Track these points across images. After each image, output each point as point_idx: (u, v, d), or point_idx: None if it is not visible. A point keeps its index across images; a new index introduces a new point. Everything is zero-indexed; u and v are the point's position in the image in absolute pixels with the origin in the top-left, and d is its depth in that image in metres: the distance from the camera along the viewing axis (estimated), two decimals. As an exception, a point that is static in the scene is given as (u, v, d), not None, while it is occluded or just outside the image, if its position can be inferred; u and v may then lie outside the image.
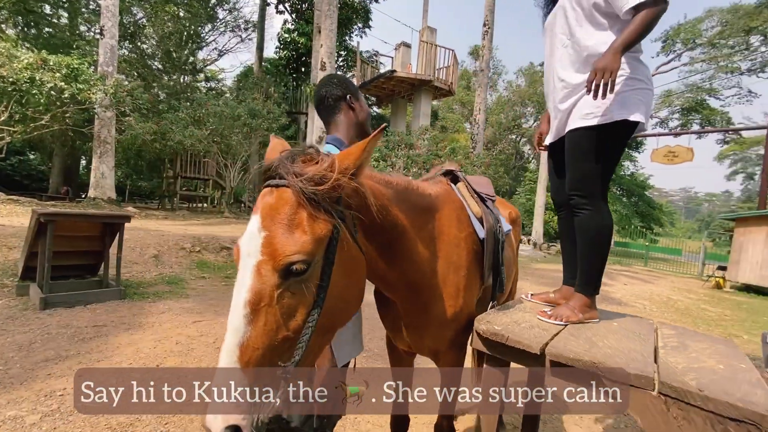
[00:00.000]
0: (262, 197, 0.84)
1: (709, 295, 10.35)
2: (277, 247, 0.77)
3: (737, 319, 7.27)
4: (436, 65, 13.87)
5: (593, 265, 1.58)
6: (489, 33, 13.14)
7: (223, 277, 5.86)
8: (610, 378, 1.07)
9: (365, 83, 15.35)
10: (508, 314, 1.49)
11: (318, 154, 0.88)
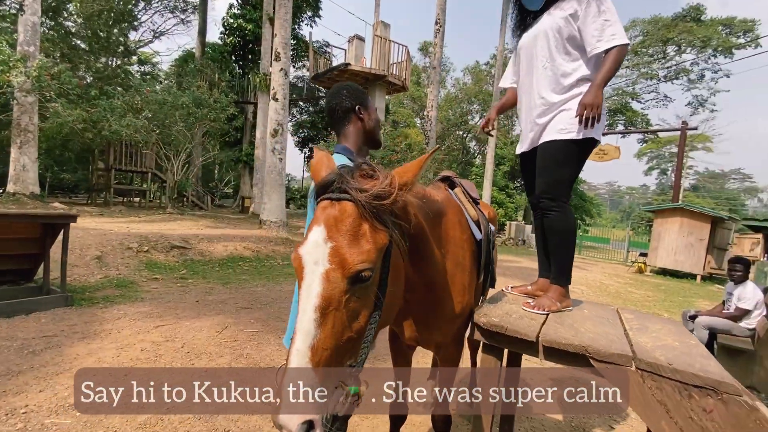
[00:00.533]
0: (322, 209, 0.89)
1: (633, 278, 11.64)
2: (346, 256, 0.82)
3: (657, 300, 8.29)
4: (389, 60, 13.97)
5: (564, 260, 1.80)
6: (441, 31, 13.48)
7: (177, 278, 5.55)
8: (596, 358, 1.24)
9: (318, 75, 15.06)
10: (499, 307, 1.64)
11: (374, 170, 0.95)
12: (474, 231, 1.58)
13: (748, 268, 3.99)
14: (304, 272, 0.85)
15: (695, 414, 1.11)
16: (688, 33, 21.19)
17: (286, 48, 9.01)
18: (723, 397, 1.08)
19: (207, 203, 17.50)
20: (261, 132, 14.80)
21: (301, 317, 0.80)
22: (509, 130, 28.58)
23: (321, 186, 0.93)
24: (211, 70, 16.63)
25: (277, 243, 8.63)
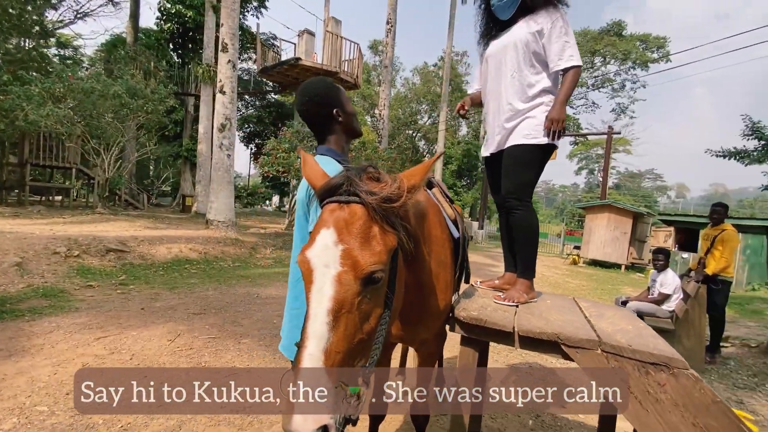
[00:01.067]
0: (331, 212, 0.88)
1: (569, 270, 12.67)
2: (358, 258, 0.82)
3: (591, 288, 9.10)
4: (341, 57, 13.85)
5: (529, 255, 1.94)
6: (392, 31, 13.62)
7: (115, 284, 5.09)
8: (567, 344, 1.36)
9: (266, 68, 14.52)
10: (474, 301, 1.72)
11: (379, 173, 0.96)
12: (452, 229, 1.65)
13: (669, 257, 4.53)
14: (313, 275, 0.83)
15: (651, 388, 1.25)
16: (612, 46, 23.40)
17: (234, 39, 8.58)
18: (674, 371, 1.23)
19: (142, 202, 16.19)
20: (205, 126, 13.98)
21: (312, 321, 0.79)
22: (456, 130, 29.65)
23: (328, 189, 0.92)
24: (146, 58, 15.37)
25: (226, 244, 8.23)
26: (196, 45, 18.27)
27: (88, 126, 10.89)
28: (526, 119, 1.88)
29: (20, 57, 14.16)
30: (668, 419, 1.22)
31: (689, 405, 1.20)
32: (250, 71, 24.10)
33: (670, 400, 1.22)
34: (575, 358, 1.37)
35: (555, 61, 1.82)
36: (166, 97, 12.83)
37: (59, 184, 15.52)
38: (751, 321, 6.63)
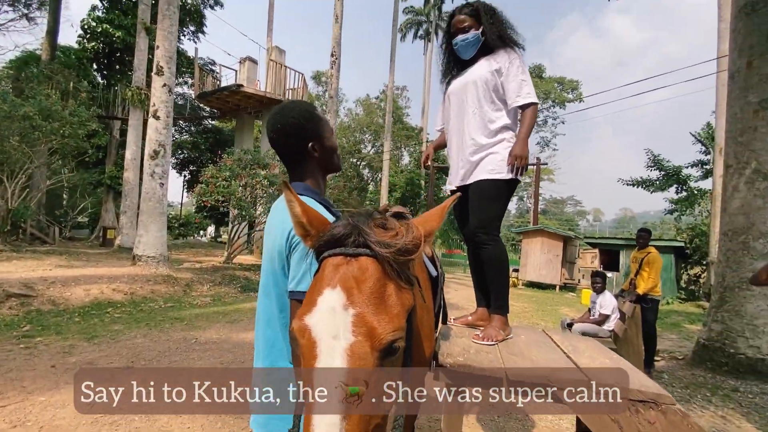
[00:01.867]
0: (335, 267, 0.73)
1: (510, 293, 13.22)
2: (374, 325, 0.67)
3: (533, 310, 9.55)
4: (286, 86, 13.76)
5: (502, 290, 1.93)
6: (336, 63, 13.88)
7: (18, 337, 4.28)
8: (559, 385, 1.32)
9: (205, 94, 13.95)
10: (454, 343, 1.63)
11: (386, 219, 0.82)
12: (430, 268, 1.57)
13: (605, 279, 4.88)
14: (317, 349, 0.67)
15: (642, 426, 1.24)
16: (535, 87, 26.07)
17: (170, 62, 8.11)
18: (662, 408, 1.23)
19: (53, 236, 14.25)
20: (132, 152, 12.90)
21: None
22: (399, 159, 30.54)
23: (333, 239, 0.77)
24: (65, 77, 13.97)
25: (156, 282, 7.43)
26: (124, 66, 17.12)
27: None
28: (490, 155, 1.92)
29: None
30: (660, 457, 1.21)
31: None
32: (185, 96, 23.00)
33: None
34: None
35: (513, 98, 1.89)
36: (87, 120, 11.70)
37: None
38: (672, 334, 7.33)
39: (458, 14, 1.97)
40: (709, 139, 14.37)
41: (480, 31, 1.93)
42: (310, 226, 0.82)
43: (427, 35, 31.72)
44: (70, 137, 11.17)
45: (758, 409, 3.77)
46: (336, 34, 13.78)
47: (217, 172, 9.25)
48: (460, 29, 1.95)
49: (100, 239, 15.43)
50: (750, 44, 4.73)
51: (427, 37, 31.59)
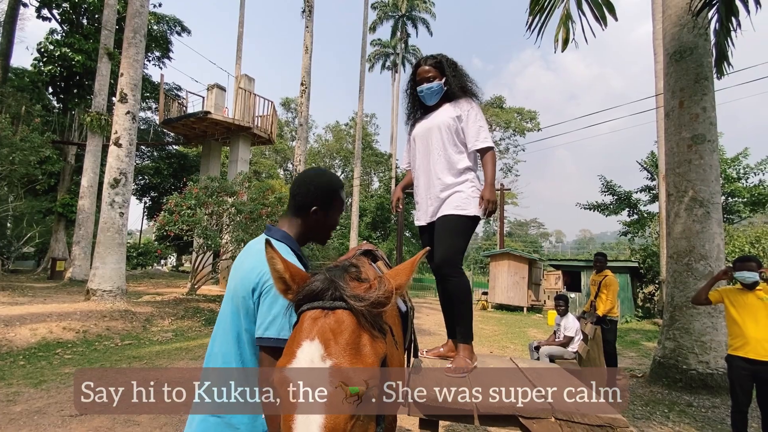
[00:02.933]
0: (313, 320, 0.78)
1: (480, 315, 13.43)
2: (351, 375, 0.72)
3: (502, 333, 9.71)
4: (255, 113, 13.77)
5: (467, 320, 2.02)
6: (306, 92, 14.10)
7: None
8: (525, 416, 1.39)
9: (171, 120, 13.68)
10: (426, 377, 1.69)
11: (360, 272, 0.89)
12: (399, 304, 1.63)
13: (568, 302, 5.11)
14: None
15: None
16: (496, 116, 27.53)
17: (135, 90, 7.96)
18: (617, 431, 1.33)
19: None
20: (89, 179, 12.32)
21: None
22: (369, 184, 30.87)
23: (311, 293, 0.82)
24: (17, 101, 13.29)
25: (113, 317, 6.99)
26: (83, 90, 16.56)
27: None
28: (456, 193, 2.08)
29: None
30: (619, 480, 1.29)
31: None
32: (149, 121, 22.42)
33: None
34: (532, 429, 1.40)
35: (472, 142, 2.09)
36: (39, 146, 11.14)
37: None
38: (631, 351, 7.68)
39: (423, 65, 2.14)
40: (653, 166, 15.61)
41: (443, 82, 2.11)
42: (291, 282, 0.87)
43: (394, 66, 32.96)
44: (20, 164, 10.56)
45: (710, 422, 4.01)
46: (306, 64, 14.07)
47: (182, 200, 8.99)
48: (425, 78, 2.12)
49: (48, 271, 14.37)
50: (681, 87, 5.32)
51: (395, 68, 32.82)
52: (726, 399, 4.42)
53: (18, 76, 16.39)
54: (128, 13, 8.15)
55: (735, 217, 14.95)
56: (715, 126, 5.24)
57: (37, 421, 3.20)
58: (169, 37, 20.33)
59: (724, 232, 5.79)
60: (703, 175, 5.08)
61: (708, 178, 5.08)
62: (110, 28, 12.69)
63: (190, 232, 9.15)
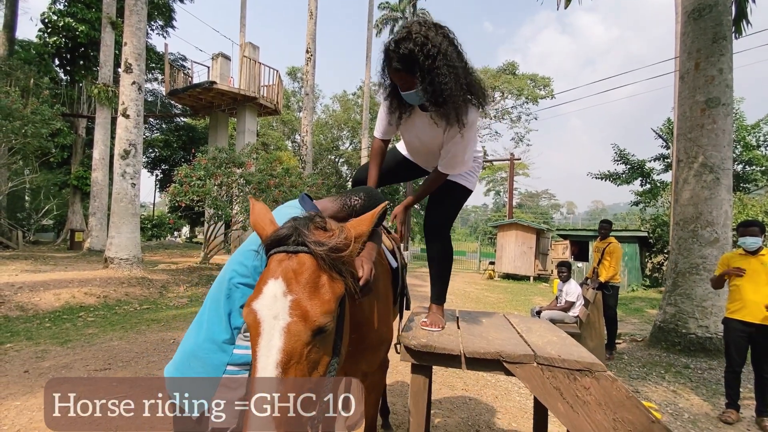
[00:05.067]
0: (278, 262, 0.88)
1: (486, 284, 13.63)
2: (307, 308, 0.82)
3: (507, 300, 9.90)
4: (260, 82, 13.60)
5: (445, 282, 2.09)
6: (312, 59, 13.82)
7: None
8: (509, 361, 1.48)
9: (176, 91, 13.62)
10: (418, 327, 1.78)
11: (325, 222, 0.97)
12: (390, 260, 1.72)
13: (570, 268, 5.17)
14: (261, 327, 0.82)
15: (579, 392, 1.42)
16: (508, 83, 26.64)
17: (139, 59, 7.93)
18: (595, 375, 1.42)
19: (16, 240, 13.65)
20: (101, 151, 12.49)
21: (261, 373, 0.78)
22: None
23: (276, 239, 0.92)
24: (25, 74, 13.32)
25: (130, 284, 7.30)
26: (89, 62, 16.46)
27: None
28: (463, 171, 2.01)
29: None
30: (594, 418, 1.39)
31: (609, 403, 1.38)
32: (156, 93, 22.32)
33: (595, 401, 1.39)
34: (516, 373, 1.49)
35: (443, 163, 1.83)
36: (50, 119, 11.26)
37: None
38: (634, 318, 7.79)
39: (394, 60, 1.50)
40: (669, 133, 15.15)
41: (421, 88, 1.54)
42: (261, 230, 0.98)
43: (402, 32, 31.76)
44: (33, 137, 10.73)
45: (705, 383, 4.13)
46: (311, 30, 13.72)
47: (191, 171, 9.10)
48: (400, 84, 1.59)
49: (67, 242, 14.86)
50: (697, 47, 5.10)
51: (403, 34, 31.62)
52: (722, 362, 4.53)
53: (24, 48, 16.32)
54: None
55: (751, 186, 14.58)
56: (731, 89, 5.05)
57: (65, 375, 3.46)
58: (171, 4, 19.86)
59: (733, 198, 5.70)
60: (715, 140, 4.96)
61: (720, 143, 4.96)
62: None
63: (200, 202, 9.33)
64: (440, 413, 3.11)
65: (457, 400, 3.39)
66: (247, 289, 1.17)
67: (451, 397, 3.44)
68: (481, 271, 18.43)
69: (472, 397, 3.49)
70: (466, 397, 3.46)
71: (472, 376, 3.93)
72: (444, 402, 3.33)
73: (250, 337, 0.84)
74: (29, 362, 3.73)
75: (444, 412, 3.13)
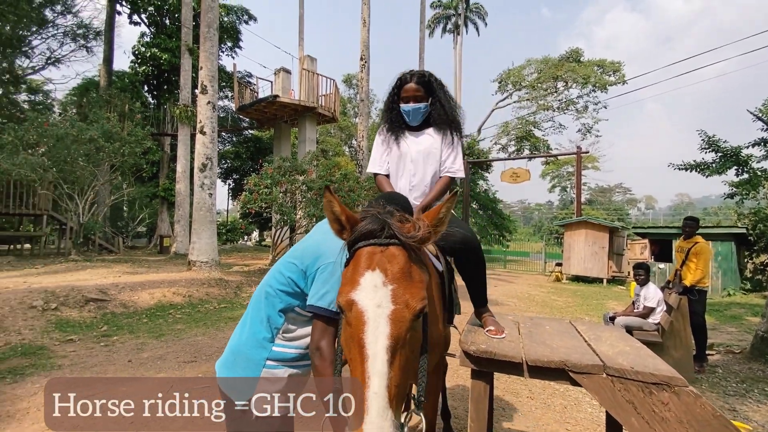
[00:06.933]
0: (371, 255, 0.95)
1: (553, 287, 12.88)
2: (408, 296, 0.90)
3: (576, 305, 9.27)
4: (318, 93, 14.22)
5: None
6: (366, 66, 14.15)
7: (98, 336, 4.87)
8: (575, 370, 1.43)
9: (244, 106, 14.72)
10: (479, 334, 1.78)
11: (404, 216, 1.05)
12: (435, 264, 1.73)
13: (649, 271, 4.73)
14: (365, 316, 0.88)
15: (656, 407, 1.33)
16: (572, 72, 24.94)
17: (213, 81, 8.73)
18: (675, 389, 1.31)
19: (118, 245, 15.66)
20: (182, 165, 13.89)
21: (374, 360, 0.84)
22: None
23: (366, 233, 0.98)
24: (121, 101, 15.29)
25: (210, 285, 8.04)
26: (171, 86, 18.41)
27: (61, 171, 10.65)
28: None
29: (-12, 105, 13.86)
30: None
31: (692, 421, 1.27)
32: (226, 109, 24.30)
33: (675, 418, 1.29)
34: (583, 384, 1.43)
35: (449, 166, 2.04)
36: (143, 139, 12.77)
37: (28, 232, 14.89)
38: (731, 327, 6.89)
39: (410, 81, 1.96)
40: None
41: (429, 102, 1.99)
42: (346, 223, 1.04)
43: (456, 28, 31.32)
44: (129, 155, 12.26)
45: (824, 404, 3.55)
46: (364, 37, 14.05)
47: (259, 180, 9.80)
48: (413, 97, 1.97)
49: (157, 247, 16.73)
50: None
51: (456, 30, 31.19)
52: None
53: (119, 78, 18.74)
54: (202, 9, 8.84)
55: None
56: None
57: (160, 365, 3.93)
58: (238, 27, 21.53)
59: None
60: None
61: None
62: (188, 25, 13.84)
63: (268, 209, 10.00)
64: (504, 419, 3.04)
65: (522, 408, 3.28)
66: (284, 296, 1.32)
67: (516, 405, 3.33)
68: (547, 272, 17.45)
69: (538, 405, 3.35)
70: (532, 406, 3.33)
71: (537, 384, 3.76)
72: (507, 409, 3.24)
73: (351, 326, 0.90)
74: (131, 353, 4.29)
75: (508, 420, 3.05)
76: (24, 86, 19.04)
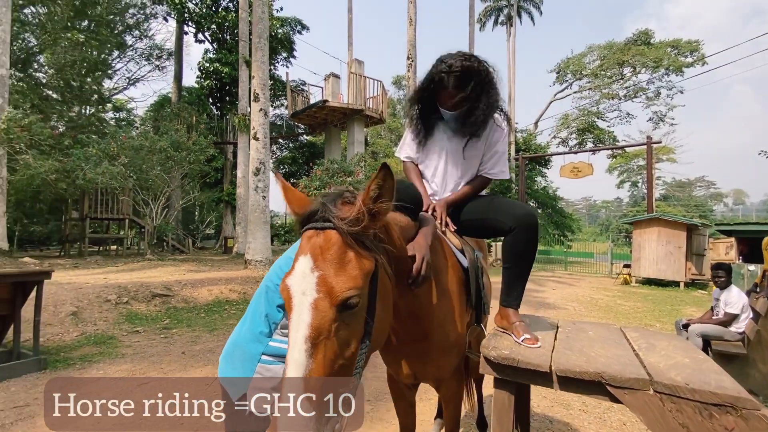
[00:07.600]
0: (307, 239, 0.90)
1: (620, 290, 11.79)
2: (333, 284, 0.83)
3: (646, 310, 8.37)
4: (366, 95, 14.39)
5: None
6: (413, 66, 14.05)
7: (160, 329, 5.29)
8: (613, 384, 1.22)
9: (297, 112, 15.34)
10: (503, 336, 1.60)
11: (355, 197, 0.96)
12: (459, 258, 1.58)
13: (730, 273, 4.10)
14: (292, 303, 0.84)
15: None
16: (641, 55, 22.77)
17: (264, 89, 9.16)
18: (742, 413, 1.06)
19: (188, 246, 17.08)
20: (242, 171, 14.77)
21: (291, 348, 0.79)
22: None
23: (305, 216, 0.94)
24: (189, 114, 16.68)
25: (263, 283, 8.42)
26: (232, 97, 19.74)
27: (139, 179, 11.84)
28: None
29: (81, 122, 15.84)
30: (744, 472, 1.04)
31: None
32: (282, 116, 25.53)
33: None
34: (624, 401, 1.22)
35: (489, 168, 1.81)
36: (206, 147, 13.79)
37: (114, 235, 16.77)
38: None
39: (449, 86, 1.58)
40: None
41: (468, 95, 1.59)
42: (297, 208, 1.01)
43: (508, 20, 30.06)
44: (195, 163, 13.33)
45: None
46: (411, 36, 13.96)
47: (309, 182, 10.12)
48: (452, 105, 1.63)
49: (222, 247, 17.98)
50: None
51: (509, 22, 29.92)
52: None
53: (188, 93, 20.49)
54: (253, 21, 9.33)
55: None
56: None
57: (209, 358, 4.15)
58: (292, 37, 22.53)
59: None
60: None
61: None
62: (245, 39, 14.71)
63: (317, 210, 10.28)
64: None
65: (573, 422, 2.98)
66: None
67: (566, 419, 3.04)
68: (614, 275, 16.04)
69: (591, 420, 3.02)
70: (584, 420, 3.01)
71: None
72: (556, 422, 2.96)
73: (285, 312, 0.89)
74: (186, 345, 4.59)
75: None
76: (110, 105, 21.49)
